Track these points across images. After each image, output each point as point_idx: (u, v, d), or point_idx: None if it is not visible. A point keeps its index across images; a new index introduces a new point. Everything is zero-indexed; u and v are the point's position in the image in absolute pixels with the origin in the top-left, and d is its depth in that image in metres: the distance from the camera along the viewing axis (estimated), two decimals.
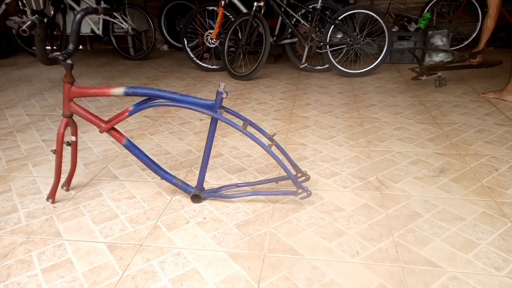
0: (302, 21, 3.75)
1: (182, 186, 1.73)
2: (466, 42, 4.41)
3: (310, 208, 1.66)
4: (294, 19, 3.76)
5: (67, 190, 1.86)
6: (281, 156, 1.75)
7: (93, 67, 4.53)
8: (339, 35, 3.83)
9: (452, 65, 3.19)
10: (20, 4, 4.66)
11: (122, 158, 2.19)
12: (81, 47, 5.73)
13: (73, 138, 1.71)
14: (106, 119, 1.65)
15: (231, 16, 3.87)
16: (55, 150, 1.67)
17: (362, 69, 3.75)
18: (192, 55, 4.18)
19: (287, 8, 3.75)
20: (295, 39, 3.84)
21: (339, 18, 3.61)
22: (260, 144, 1.56)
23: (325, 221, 1.57)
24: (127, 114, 1.60)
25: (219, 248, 1.44)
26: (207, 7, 3.96)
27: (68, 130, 1.67)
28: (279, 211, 1.65)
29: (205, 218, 1.62)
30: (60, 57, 1.52)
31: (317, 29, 3.72)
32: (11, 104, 3.24)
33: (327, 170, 1.98)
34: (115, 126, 1.66)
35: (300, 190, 1.63)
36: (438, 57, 4.03)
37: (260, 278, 1.29)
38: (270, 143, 1.64)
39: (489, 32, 3.01)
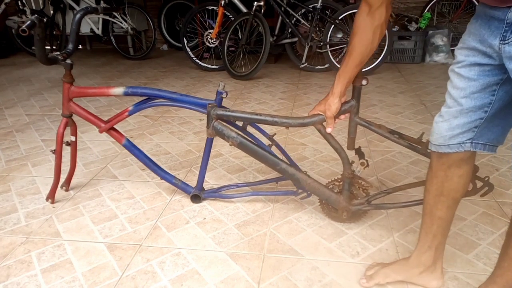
0: (302, 21, 3.75)
1: (181, 186, 1.73)
2: None
3: (310, 208, 1.66)
4: (294, 19, 3.75)
5: (67, 190, 1.85)
6: (281, 156, 1.75)
7: (92, 67, 4.53)
8: (340, 35, 3.82)
9: None
10: (19, 3, 4.65)
11: (122, 158, 2.19)
12: (80, 46, 5.72)
13: (73, 138, 1.71)
14: (105, 119, 1.65)
15: (231, 16, 3.86)
16: (54, 150, 1.67)
17: (362, 68, 3.73)
18: (192, 55, 4.17)
19: (287, 8, 3.75)
20: (295, 39, 3.83)
21: (340, 18, 3.61)
22: (260, 144, 1.56)
23: (325, 221, 1.57)
24: (126, 114, 1.60)
25: (219, 248, 1.44)
26: (207, 7, 3.95)
27: (68, 130, 1.67)
28: (279, 211, 1.65)
29: (205, 218, 1.62)
30: (59, 57, 1.52)
31: (317, 28, 3.72)
32: (10, 104, 3.24)
33: (327, 170, 1.98)
34: (114, 126, 1.65)
35: (300, 190, 1.62)
36: (439, 57, 4.03)
37: (260, 279, 1.29)
38: (270, 143, 1.64)
39: None
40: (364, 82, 1.30)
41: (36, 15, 1.45)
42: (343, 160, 1.42)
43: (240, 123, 1.57)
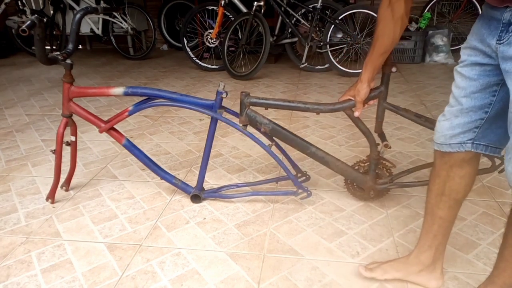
0: (302, 21, 3.75)
1: (181, 186, 1.73)
2: None
3: (310, 208, 1.66)
4: (294, 19, 3.75)
5: (67, 190, 1.85)
6: (281, 156, 1.75)
7: (92, 67, 4.53)
8: (339, 35, 3.82)
9: None
10: (19, 3, 4.65)
11: (122, 158, 2.19)
12: (80, 46, 5.72)
13: (73, 138, 1.71)
14: (105, 119, 1.65)
15: (231, 16, 3.86)
16: (54, 150, 1.67)
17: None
18: (192, 55, 4.17)
19: (287, 8, 3.75)
20: (295, 39, 3.83)
21: (340, 18, 3.61)
22: (260, 144, 1.56)
23: (325, 221, 1.57)
24: (126, 114, 1.60)
25: (219, 248, 1.44)
26: (207, 7, 3.95)
27: (68, 130, 1.67)
28: (279, 211, 1.65)
29: (205, 219, 1.62)
30: (59, 57, 1.52)
31: (317, 28, 3.72)
32: (10, 104, 3.24)
33: (327, 170, 1.97)
34: (114, 126, 1.65)
35: (300, 190, 1.63)
36: (439, 57, 4.03)
37: (260, 279, 1.29)
38: (270, 143, 1.64)
39: None
40: (393, 69, 1.37)
41: (36, 15, 1.45)
42: (371, 143, 1.51)
43: (240, 124, 1.57)
